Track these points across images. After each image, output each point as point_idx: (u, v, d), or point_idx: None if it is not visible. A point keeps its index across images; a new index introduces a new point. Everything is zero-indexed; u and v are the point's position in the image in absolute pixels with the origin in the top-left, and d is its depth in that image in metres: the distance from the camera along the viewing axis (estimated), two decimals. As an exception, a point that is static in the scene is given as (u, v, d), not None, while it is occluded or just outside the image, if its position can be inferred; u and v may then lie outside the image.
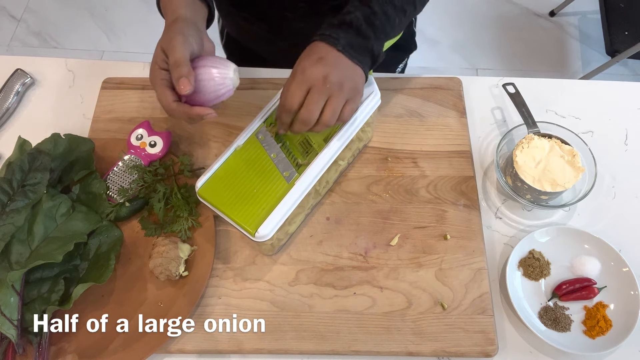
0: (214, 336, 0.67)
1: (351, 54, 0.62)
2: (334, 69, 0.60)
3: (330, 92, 0.60)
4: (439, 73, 0.91)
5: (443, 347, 0.66)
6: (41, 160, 0.70)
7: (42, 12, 2.19)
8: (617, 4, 1.83)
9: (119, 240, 0.72)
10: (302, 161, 0.66)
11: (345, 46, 0.61)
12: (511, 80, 0.83)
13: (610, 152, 0.81)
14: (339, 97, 0.60)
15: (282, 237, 0.71)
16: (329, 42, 0.62)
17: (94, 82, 0.88)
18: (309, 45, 0.64)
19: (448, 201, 0.76)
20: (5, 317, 0.62)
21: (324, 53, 0.61)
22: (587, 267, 0.71)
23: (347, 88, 0.61)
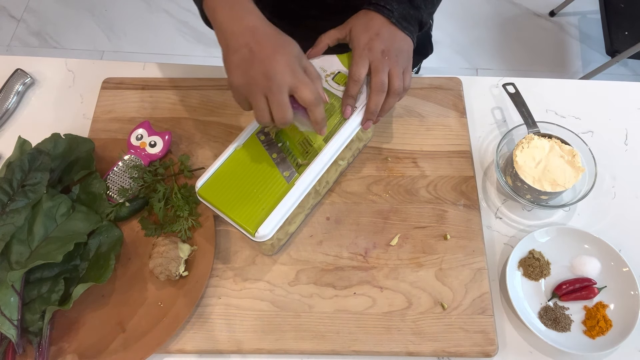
0: (214, 336, 0.67)
1: (403, 25, 0.68)
2: (390, 43, 0.66)
3: (390, 65, 0.65)
4: (439, 73, 0.91)
5: (443, 347, 0.66)
6: (41, 160, 0.70)
7: (42, 12, 2.19)
8: (617, 4, 1.83)
9: (119, 240, 0.72)
10: (302, 161, 0.66)
11: (399, 18, 0.67)
12: (511, 80, 0.83)
13: (610, 152, 0.81)
14: (397, 68, 0.66)
15: (282, 237, 0.71)
16: (383, 13, 0.68)
17: (94, 82, 0.88)
18: (363, 13, 0.69)
19: (448, 201, 0.76)
20: (5, 317, 0.62)
21: (379, 27, 0.67)
22: (587, 267, 0.71)
23: (402, 59, 0.67)
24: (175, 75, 0.89)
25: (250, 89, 0.57)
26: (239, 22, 0.58)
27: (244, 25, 0.58)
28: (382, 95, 0.66)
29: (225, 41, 0.58)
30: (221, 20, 0.58)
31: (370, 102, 0.66)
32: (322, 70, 0.71)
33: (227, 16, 0.58)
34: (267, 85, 0.56)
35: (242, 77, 0.56)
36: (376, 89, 0.65)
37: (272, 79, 0.55)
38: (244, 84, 0.57)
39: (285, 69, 0.56)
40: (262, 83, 0.56)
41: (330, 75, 0.71)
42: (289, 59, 0.57)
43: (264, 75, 0.55)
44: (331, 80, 0.70)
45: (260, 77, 0.56)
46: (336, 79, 0.70)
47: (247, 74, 0.56)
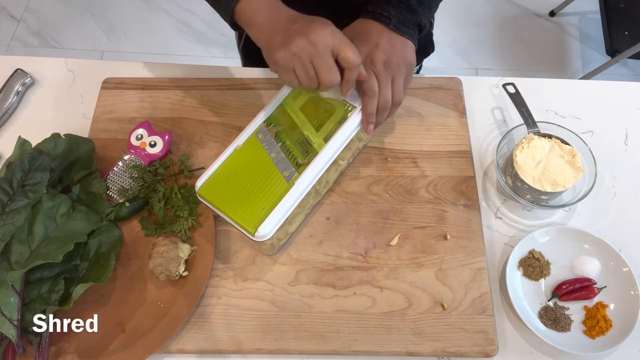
0: (214, 336, 0.67)
1: (402, 30, 0.68)
2: (390, 52, 0.67)
3: (392, 74, 0.67)
4: (439, 73, 0.91)
5: (443, 347, 0.66)
6: (41, 160, 0.70)
7: (42, 12, 2.19)
8: (617, 4, 1.83)
9: (119, 240, 0.72)
10: (302, 161, 0.66)
11: (397, 24, 0.68)
12: (511, 80, 0.83)
13: (610, 152, 0.81)
14: (400, 76, 0.67)
15: (282, 237, 0.71)
16: (381, 21, 0.68)
17: (94, 82, 0.88)
18: (360, 23, 0.70)
19: (448, 201, 0.76)
20: (5, 317, 0.62)
21: (378, 37, 0.67)
22: (587, 267, 0.71)
23: (404, 66, 0.68)
24: (175, 75, 0.89)
25: (297, 58, 0.58)
26: (278, 14, 0.62)
27: (282, 15, 0.61)
28: (386, 113, 0.69)
29: (266, 32, 0.61)
30: (261, 20, 0.61)
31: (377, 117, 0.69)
32: None
33: (265, 15, 0.61)
34: (312, 51, 0.58)
35: (287, 50, 0.58)
36: (381, 108, 0.67)
37: (316, 43, 0.58)
38: (290, 55, 0.58)
39: (327, 32, 0.59)
40: (307, 49, 0.58)
41: None
42: (328, 26, 0.60)
43: (308, 41, 0.58)
44: None
45: (304, 44, 0.58)
46: None
47: (292, 45, 0.58)
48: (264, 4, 0.62)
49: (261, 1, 0.62)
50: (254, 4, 0.62)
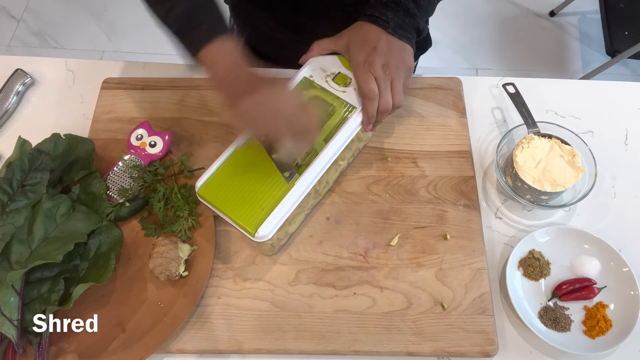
0: (214, 336, 0.67)
1: (400, 34, 0.68)
2: (389, 55, 0.67)
3: (391, 77, 0.67)
4: (439, 73, 0.91)
5: (443, 347, 0.66)
6: (41, 160, 0.70)
7: (42, 12, 2.19)
8: (617, 4, 1.83)
9: (119, 240, 0.72)
10: (302, 161, 0.66)
11: (395, 28, 0.67)
12: (511, 80, 0.83)
13: (610, 152, 0.81)
14: (399, 79, 0.67)
15: (282, 237, 0.71)
16: (379, 24, 0.68)
17: (94, 82, 0.88)
18: (359, 26, 0.70)
19: (448, 201, 0.76)
20: (5, 317, 0.62)
21: (376, 40, 0.67)
22: (587, 267, 0.71)
23: (403, 69, 0.68)
24: (175, 75, 0.89)
25: (261, 106, 0.58)
26: (240, 68, 0.61)
27: (245, 71, 0.60)
28: (386, 115, 0.69)
29: (229, 83, 0.60)
30: (223, 70, 0.60)
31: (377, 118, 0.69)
32: (322, 70, 0.71)
33: (228, 66, 0.60)
34: (275, 106, 0.58)
35: (253, 99, 0.58)
36: (381, 111, 0.67)
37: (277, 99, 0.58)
38: (255, 104, 0.58)
39: (287, 95, 0.60)
40: (271, 102, 0.58)
41: (331, 75, 0.71)
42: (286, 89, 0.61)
43: (272, 96, 0.58)
44: (331, 80, 0.70)
45: (269, 97, 0.58)
46: (336, 80, 0.70)
47: (257, 95, 0.58)
48: (226, 55, 0.60)
49: (224, 52, 0.60)
50: (216, 53, 0.60)
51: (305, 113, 0.60)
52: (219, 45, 0.60)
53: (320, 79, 0.71)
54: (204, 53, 0.60)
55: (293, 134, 0.59)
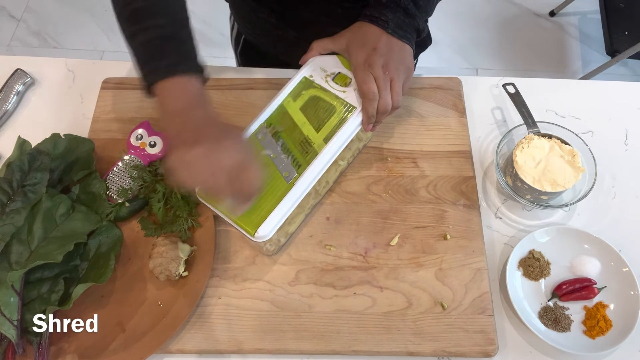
0: (214, 336, 0.67)
1: (400, 34, 0.68)
2: (388, 56, 0.67)
3: (391, 77, 0.66)
4: (439, 73, 0.91)
5: (443, 347, 0.66)
6: (41, 160, 0.70)
7: (42, 12, 2.19)
8: (617, 4, 1.83)
9: (119, 240, 0.72)
10: (302, 161, 0.66)
11: (394, 28, 0.67)
12: (511, 80, 0.83)
13: (610, 152, 0.81)
14: (399, 80, 0.67)
15: (282, 237, 0.71)
16: (378, 24, 0.68)
17: (94, 82, 0.88)
18: (358, 26, 0.69)
19: (448, 201, 0.76)
20: (5, 317, 0.62)
21: (376, 40, 0.67)
22: (587, 267, 0.71)
23: (403, 69, 0.68)
24: (175, 75, 0.88)
25: (205, 161, 0.55)
26: (197, 110, 0.58)
27: (200, 113, 0.58)
28: (385, 116, 0.68)
29: (178, 124, 0.57)
30: (177, 107, 0.58)
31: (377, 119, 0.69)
32: (322, 70, 0.71)
33: (183, 104, 0.58)
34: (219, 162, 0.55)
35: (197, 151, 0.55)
36: (381, 111, 0.67)
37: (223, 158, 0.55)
38: (199, 157, 0.55)
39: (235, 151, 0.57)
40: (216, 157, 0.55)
41: (331, 75, 0.71)
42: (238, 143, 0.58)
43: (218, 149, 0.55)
44: (331, 80, 0.70)
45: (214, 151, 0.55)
46: (336, 80, 0.70)
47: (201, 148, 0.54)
48: (184, 94, 0.58)
49: (183, 91, 0.58)
50: (174, 90, 0.58)
51: (248, 173, 0.56)
52: (176, 82, 0.58)
53: (320, 79, 0.71)
54: (159, 87, 0.58)
55: (231, 194, 0.56)
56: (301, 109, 0.69)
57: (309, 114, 0.69)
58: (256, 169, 0.57)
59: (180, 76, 0.59)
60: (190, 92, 0.59)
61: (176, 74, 0.58)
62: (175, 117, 0.58)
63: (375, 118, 0.68)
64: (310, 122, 0.68)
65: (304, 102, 0.70)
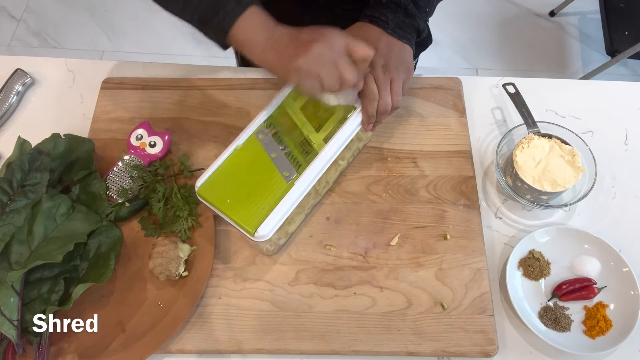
0: (214, 336, 0.67)
1: (400, 34, 0.68)
2: (388, 56, 0.67)
3: (391, 77, 0.67)
4: (439, 73, 0.91)
5: (443, 347, 0.66)
6: (41, 160, 0.70)
7: (42, 12, 2.19)
8: (617, 4, 1.83)
9: (119, 240, 0.72)
10: (302, 161, 0.66)
11: (394, 28, 0.67)
12: (511, 80, 0.83)
13: (610, 152, 0.81)
14: (399, 80, 0.67)
15: (282, 237, 0.71)
16: (378, 25, 0.68)
17: (94, 82, 0.88)
18: (358, 27, 0.70)
19: (448, 201, 0.76)
20: (5, 317, 0.62)
21: (376, 41, 0.67)
22: (587, 267, 0.71)
23: (403, 70, 0.68)
24: (175, 75, 0.89)
25: (320, 62, 0.58)
26: (277, 31, 0.61)
27: (282, 31, 0.60)
28: (385, 116, 0.69)
29: (271, 49, 0.60)
30: (261, 38, 0.60)
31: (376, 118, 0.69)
32: None
33: (264, 33, 0.60)
34: (332, 54, 0.58)
35: (308, 57, 0.58)
36: (381, 111, 0.67)
37: (334, 45, 0.58)
38: (313, 61, 0.58)
39: (337, 34, 0.59)
40: (327, 53, 0.58)
41: None
42: (334, 29, 0.60)
43: (326, 45, 0.58)
44: None
45: (323, 48, 0.58)
46: None
47: (312, 52, 0.57)
48: (260, 23, 0.60)
49: (257, 21, 0.60)
50: (251, 23, 0.60)
51: (357, 46, 0.59)
52: (249, 16, 0.60)
53: (320, 79, 0.71)
54: (236, 29, 0.60)
55: (354, 74, 0.60)
56: (301, 109, 0.70)
57: (309, 114, 0.69)
58: (359, 42, 0.59)
59: (249, 9, 0.60)
60: (263, 18, 0.61)
61: (246, 8, 0.60)
62: (266, 43, 0.59)
63: (375, 118, 0.68)
64: (310, 122, 0.68)
65: (304, 102, 0.70)
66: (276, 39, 0.60)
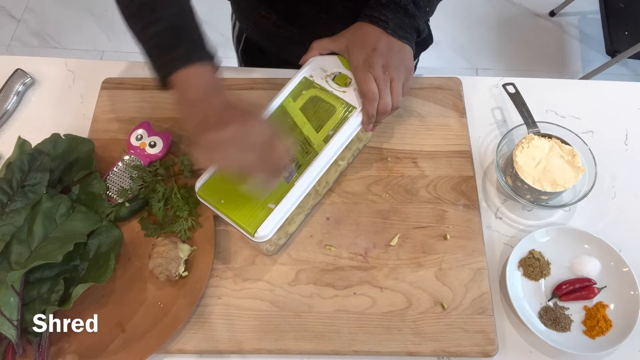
0: (214, 336, 0.67)
1: (400, 34, 0.68)
2: (388, 56, 0.67)
3: (391, 77, 0.67)
4: (439, 73, 0.91)
5: (443, 347, 0.66)
6: (41, 160, 0.70)
7: (42, 12, 2.19)
8: (617, 4, 1.83)
9: (119, 240, 0.72)
10: (302, 161, 0.66)
11: (394, 28, 0.67)
12: (511, 80, 0.83)
13: (610, 152, 0.81)
14: (399, 80, 0.67)
15: (282, 237, 0.71)
16: (378, 25, 0.68)
17: (94, 82, 0.88)
18: (358, 26, 0.69)
19: (448, 201, 0.76)
20: (5, 318, 0.62)
21: (376, 41, 0.67)
22: (587, 267, 0.71)
23: (403, 70, 0.68)
24: (175, 75, 0.88)
25: (230, 142, 0.55)
26: (216, 95, 0.58)
27: (219, 98, 0.58)
28: (385, 116, 0.68)
29: (200, 110, 0.57)
30: (197, 95, 0.58)
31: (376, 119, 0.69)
32: (322, 70, 0.71)
33: (202, 92, 0.58)
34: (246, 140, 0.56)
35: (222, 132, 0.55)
36: (381, 112, 0.67)
37: (249, 134, 0.56)
38: (226, 138, 0.55)
39: (260, 127, 0.57)
40: (241, 136, 0.56)
41: (331, 75, 0.71)
42: (261, 120, 0.59)
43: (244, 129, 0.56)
44: (331, 81, 0.70)
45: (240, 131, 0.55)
46: (336, 80, 0.70)
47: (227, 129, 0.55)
48: (202, 82, 0.58)
49: (200, 78, 0.58)
50: (191, 78, 0.58)
51: (277, 147, 0.57)
52: (193, 71, 0.58)
53: (320, 79, 0.71)
54: (176, 77, 0.58)
55: (263, 170, 0.57)
56: (301, 109, 0.70)
57: (309, 114, 0.69)
58: (284, 142, 0.58)
59: (196, 65, 0.58)
60: (207, 79, 0.59)
61: (192, 62, 0.58)
62: (196, 105, 0.58)
63: (375, 118, 0.68)
64: (310, 122, 0.68)
65: (304, 102, 0.70)
66: (208, 105, 0.57)
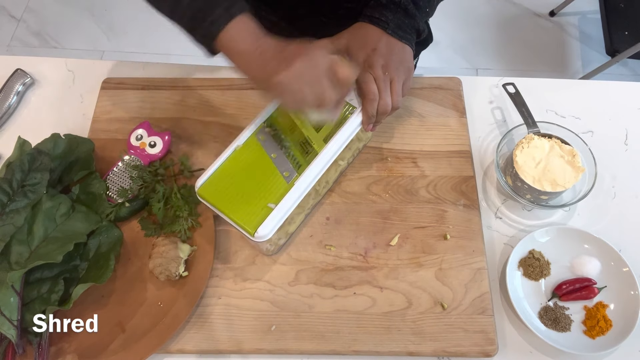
0: (214, 336, 0.67)
1: (400, 35, 0.68)
2: (388, 56, 0.67)
3: (391, 77, 0.67)
4: (439, 73, 0.91)
5: (443, 347, 0.66)
6: (41, 160, 0.70)
7: (42, 12, 2.19)
8: (617, 4, 1.83)
9: (119, 240, 0.72)
10: (302, 161, 0.66)
11: (394, 29, 0.67)
12: (511, 80, 0.83)
13: (610, 152, 0.81)
14: (399, 80, 0.67)
15: (282, 237, 0.71)
16: (379, 25, 0.68)
17: (94, 82, 0.88)
18: (358, 27, 0.69)
19: (448, 201, 0.76)
20: (5, 318, 0.62)
21: (376, 41, 0.67)
22: (587, 267, 0.71)
23: (403, 70, 0.68)
24: (175, 75, 0.89)
25: (301, 78, 0.57)
26: (264, 42, 0.59)
27: (269, 43, 0.59)
28: (385, 116, 0.69)
29: (256, 60, 0.58)
30: (248, 48, 0.59)
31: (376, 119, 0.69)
32: None
33: (251, 43, 0.59)
34: (314, 71, 0.57)
35: (289, 72, 0.56)
36: (381, 112, 0.67)
37: (317, 63, 0.57)
38: (295, 77, 0.56)
39: (321, 53, 0.58)
40: (309, 70, 0.57)
41: None
42: (320, 46, 0.59)
43: (310, 62, 0.57)
44: None
45: (306, 65, 0.57)
46: None
47: (294, 67, 0.56)
48: (248, 32, 0.59)
49: (246, 29, 0.59)
50: (239, 31, 0.58)
51: (341, 71, 0.58)
52: (237, 24, 0.58)
53: (320, 79, 0.71)
54: (224, 36, 0.58)
55: (337, 96, 0.59)
56: (301, 109, 0.69)
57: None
58: (344, 63, 0.59)
59: (237, 17, 0.58)
60: (252, 27, 0.59)
61: (233, 16, 0.58)
62: (252, 53, 0.58)
63: (375, 118, 0.68)
64: (310, 122, 0.68)
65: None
66: (262, 50, 0.58)
